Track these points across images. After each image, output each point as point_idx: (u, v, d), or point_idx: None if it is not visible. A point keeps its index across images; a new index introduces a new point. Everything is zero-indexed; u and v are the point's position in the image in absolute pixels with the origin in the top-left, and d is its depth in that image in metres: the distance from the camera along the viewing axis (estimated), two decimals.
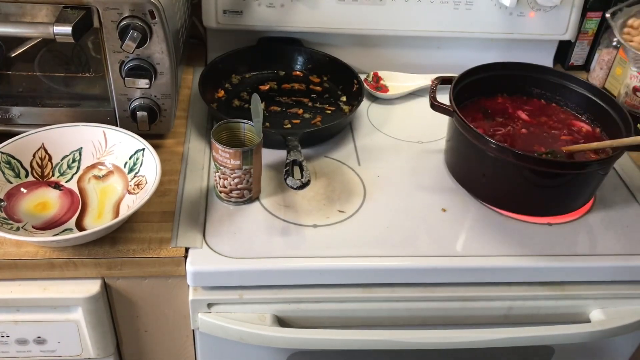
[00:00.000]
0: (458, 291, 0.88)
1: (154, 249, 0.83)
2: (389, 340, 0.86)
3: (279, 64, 1.21)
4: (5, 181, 0.87)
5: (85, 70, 0.97)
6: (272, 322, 0.85)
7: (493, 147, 0.87)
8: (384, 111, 1.17)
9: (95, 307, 0.85)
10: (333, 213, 0.92)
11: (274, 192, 0.95)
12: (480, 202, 0.95)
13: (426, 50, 1.27)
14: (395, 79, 1.24)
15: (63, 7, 0.84)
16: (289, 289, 0.86)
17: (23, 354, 0.89)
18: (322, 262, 0.84)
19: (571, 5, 1.20)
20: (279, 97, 1.14)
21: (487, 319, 0.90)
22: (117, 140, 0.92)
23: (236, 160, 0.86)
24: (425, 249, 0.87)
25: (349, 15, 1.18)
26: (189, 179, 0.96)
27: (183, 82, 1.17)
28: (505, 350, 0.94)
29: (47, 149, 0.92)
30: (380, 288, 0.87)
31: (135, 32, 0.85)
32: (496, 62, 1.04)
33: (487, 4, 1.18)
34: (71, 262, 0.82)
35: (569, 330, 0.88)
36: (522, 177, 0.89)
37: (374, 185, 0.97)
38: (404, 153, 1.06)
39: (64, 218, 0.86)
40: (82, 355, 0.90)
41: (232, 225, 0.88)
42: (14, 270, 0.82)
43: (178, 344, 0.96)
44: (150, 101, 0.94)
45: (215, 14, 1.16)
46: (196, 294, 0.85)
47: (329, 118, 1.10)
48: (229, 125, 0.91)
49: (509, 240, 0.89)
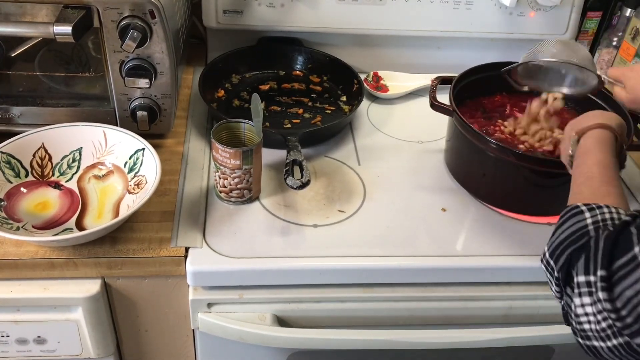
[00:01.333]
0: (458, 291, 0.88)
1: (154, 249, 0.83)
2: (389, 340, 0.86)
3: (279, 64, 1.21)
4: (5, 181, 0.87)
5: (86, 70, 0.97)
6: (272, 322, 0.85)
7: (493, 146, 0.87)
8: (384, 111, 1.17)
9: (95, 306, 0.85)
10: (333, 213, 0.92)
11: (274, 192, 0.95)
12: (480, 202, 0.95)
13: (426, 50, 1.27)
14: (395, 79, 1.24)
15: (63, 7, 0.84)
16: (289, 289, 0.86)
17: (23, 353, 0.89)
18: (322, 262, 0.84)
19: (571, 5, 1.20)
20: (279, 97, 1.14)
21: (487, 319, 0.90)
22: (117, 140, 0.92)
23: (236, 160, 0.86)
24: (425, 248, 0.87)
25: (349, 15, 1.18)
26: (189, 178, 0.96)
27: (183, 82, 1.17)
28: (505, 350, 0.94)
29: (47, 149, 0.92)
30: (380, 288, 0.87)
31: (136, 32, 0.85)
32: (496, 62, 1.04)
33: (487, 4, 1.18)
34: (71, 261, 0.82)
35: (569, 330, 0.87)
36: (522, 177, 0.89)
37: (374, 185, 0.97)
38: (404, 153, 1.06)
39: (64, 218, 0.86)
40: (82, 355, 0.90)
41: (232, 225, 0.88)
42: (14, 270, 0.82)
43: (178, 344, 0.96)
44: (150, 101, 0.94)
45: (216, 14, 1.16)
46: (196, 293, 0.85)
47: (329, 118, 1.10)
48: (229, 125, 0.91)
49: (509, 240, 0.89)
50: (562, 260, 0.63)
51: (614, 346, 0.57)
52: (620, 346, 0.57)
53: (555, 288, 0.65)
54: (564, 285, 0.63)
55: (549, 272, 0.66)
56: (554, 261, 0.64)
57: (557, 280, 0.64)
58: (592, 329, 0.59)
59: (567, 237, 0.64)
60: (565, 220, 0.66)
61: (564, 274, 0.63)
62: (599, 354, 0.60)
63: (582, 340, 0.61)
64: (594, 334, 0.59)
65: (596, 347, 0.60)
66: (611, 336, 0.57)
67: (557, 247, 0.64)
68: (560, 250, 0.64)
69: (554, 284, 0.65)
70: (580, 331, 0.61)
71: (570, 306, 0.62)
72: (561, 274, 0.63)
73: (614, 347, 0.57)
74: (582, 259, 0.60)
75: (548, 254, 0.65)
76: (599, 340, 0.59)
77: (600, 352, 0.60)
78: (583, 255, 0.60)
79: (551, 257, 0.65)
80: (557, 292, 0.65)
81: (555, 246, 0.64)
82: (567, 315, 0.64)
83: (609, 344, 0.58)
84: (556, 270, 0.64)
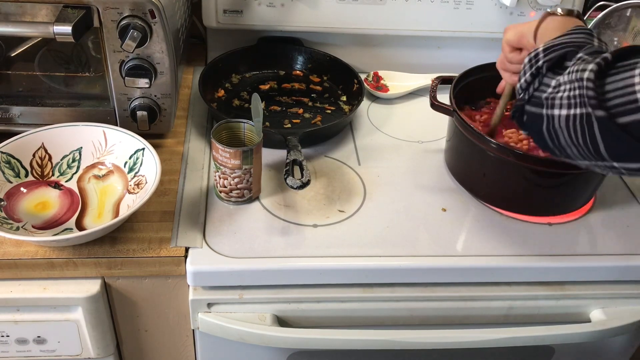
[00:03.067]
0: (458, 291, 0.88)
1: (154, 249, 0.83)
2: (389, 340, 0.86)
3: (279, 64, 1.21)
4: (5, 181, 0.87)
5: (85, 70, 0.97)
6: (272, 322, 0.85)
7: (493, 146, 0.87)
8: (384, 111, 1.17)
9: (95, 306, 0.85)
10: (333, 213, 0.92)
11: (274, 191, 0.95)
12: (480, 202, 0.95)
13: (426, 50, 1.27)
14: (395, 79, 1.24)
15: (63, 7, 0.84)
16: (289, 289, 0.86)
17: (23, 353, 0.89)
18: (322, 262, 0.84)
19: (571, 5, 1.20)
20: (279, 97, 1.14)
21: (487, 319, 0.90)
22: (117, 140, 0.92)
23: (236, 160, 0.86)
24: (425, 248, 0.87)
25: (349, 14, 1.18)
26: (189, 178, 0.96)
27: (183, 82, 1.17)
28: (505, 350, 0.94)
29: (47, 149, 0.92)
30: (381, 288, 0.87)
31: (136, 32, 0.85)
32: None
33: (487, 4, 1.18)
34: (71, 261, 0.82)
35: (569, 330, 0.88)
36: (523, 177, 0.89)
37: (374, 185, 0.97)
38: (404, 153, 1.05)
39: (63, 218, 0.86)
40: (82, 355, 0.90)
41: (232, 225, 0.88)
42: (14, 269, 0.82)
43: (178, 344, 0.96)
44: (150, 101, 0.94)
45: (216, 14, 1.16)
46: (196, 293, 0.85)
47: (329, 118, 1.10)
48: (229, 124, 0.91)
49: (509, 240, 0.89)
50: (555, 53, 0.69)
51: (573, 115, 0.63)
52: (580, 116, 0.62)
53: (527, 78, 0.70)
54: (544, 71, 0.69)
55: (530, 64, 0.71)
56: (545, 53, 0.69)
57: (537, 70, 0.69)
58: (563, 96, 0.65)
59: (571, 42, 0.69)
60: (574, 32, 0.70)
61: (550, 64, 0.69)
62: (552, 123, 0.66)
63: (544, 110, 0.67)
64: (561, 102, 0.65)
65: (553, 116, 0.66)
66: (577, 105, 0.63)
67: (557, 45, 0.69)
68: (559, 47, 0.69)
69: (527, 74, 0.71)
70: (551, 99, 0.66)
71: (542, 84, 0.69)
72: (547, 63, 0.69)
73: (573, 116, 0.63)
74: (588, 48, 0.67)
75: (542, 48, 0.70)
76: (562, 108, 0.65)
77: (554, 121, 0.66)
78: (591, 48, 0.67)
79: (545, 51, 0.70)
80: (525, 82, 0.71)
81: (556, 44, 0.70)
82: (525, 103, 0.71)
83: (571, 112, 0.64)
84: (542, 60, 0.69)
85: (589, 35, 0.70)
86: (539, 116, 0.68)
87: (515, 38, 0.82)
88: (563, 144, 0.66)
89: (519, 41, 0.81)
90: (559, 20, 0.76)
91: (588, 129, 0.62)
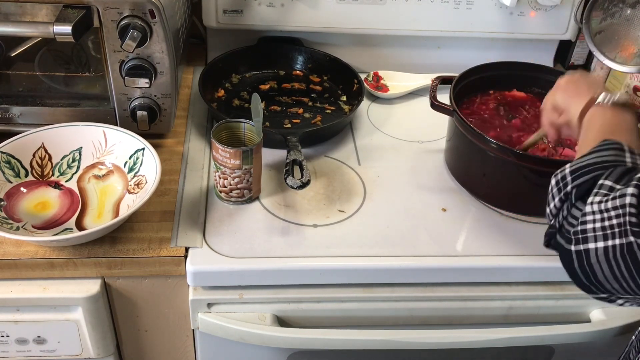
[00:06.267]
0: (458, 291, 0.88)
1: (154, 249, 0.83)
2: (389, 340, 0.86)
3: (279, 64, 1.21)
4: (5, 181, 0.87)
5: (85, 70, 0.97)
6: (272, 322, 0.85)
7: (493, 146, 0.87)
8: (384, 111, 1.17)
9: (95, 306, 0.85)
10: (333, 213, 0.92)
11: (274, 191, 0.95)
12: (480, 202, 0.95)
13: (426, 50, 1.27)
14: (395, 79, 1.24)
15: (63, 7, 0.84)
16: (289, 289, 0.86)
17: (23, 353, 0.89)
18: (322, 262, 0.84)
19: (572, 5, 1.20)
20: (279, 97, 1.14)
21: (487, 319, 0.90)
22: (117, 140, 0.92)
23: (236, 160, 0.86)
24: (425, 248, 0.87)
25: (349, 14, 1.18)
26: (189, 178, 0.96)
27: (183, 82, 1.17)
28: (505, 350, 0.94)
29: (47, 149, 0.92)
30: (381, 288, 0.87)
31: (135, 32, 0.85)
32: (496, 62, 1.04)
33: (487, 4, 1.18)
34: (71, 261, 0.82)
35: (569, 330, 0.88)
36: (523, 177, 0.89)
37: (374, 185, 0.97)
38: (404, 153, 1.05)
39: (63, 218, 0.86)
40: (82, 355, 0.90)
41: (232, 225, 0.88)
42: (14, 270, 0.82)
43: (178, 344, 0.96)
44: (150, 101, 0.94)
45: (216, 14, 1.16)
46: (196, 293, 0.85)
47: (329, 118, 1.10)
48: (229, 124, 0.91)
49: (509, 240, 0.89)
50: (584, 178, 0.63)
51: (612, 246, 0.57)
52: (620, 247, 0.57)
53: (555, 203, 0.66)
54: (572, 199, 0.63)
55: (558, 188, 0.65)
56: (573, 177, 0.64)
57: (565, 196, 0.64)
58: (597, 227, 0.59)
59: (599, 162, 0.64)
60: (603, 149, 0.65)
61: (580, 191, 0.63)
62: (586, 259, 0.60)
63: (573, 246, 0.61)
64: (595, 233, 0.59)
65: (587, 251, 0.59)
66: (616, 235, 0.57)
67: (585, 167, 0.64)
68: (587, 170, 0.64)
69: (556, 199, 0.65)
70: (580, 232, 0.60)
71: (570, 215, 0.63)
72: (576, 190, 0.63)
73: (612, 247, 0.57)
74: (615, 171, 0.61)
75: (569, 170, 0.65)
76: (598, 240, 0.59)
77: (588, 256, 0.60)
78: (617, 169, 0.61)
79: (572, 173, 0.64)
80: (555, 208, 0.66)
81: (583, 166, 0.64)
82: (557, 232, 0.65)
83: (609, 244, 0.58)
84: (570, 186, 0.64)
85: (619, 151, 0.64)
86: (568, 252, 0.62)
87: (562, 106, 0.79)
88: (601, 279, 0.60)
89: (563, 114, 0.79)
90: (607, 116, 0.71)
91: (631, 260, 0.56)
